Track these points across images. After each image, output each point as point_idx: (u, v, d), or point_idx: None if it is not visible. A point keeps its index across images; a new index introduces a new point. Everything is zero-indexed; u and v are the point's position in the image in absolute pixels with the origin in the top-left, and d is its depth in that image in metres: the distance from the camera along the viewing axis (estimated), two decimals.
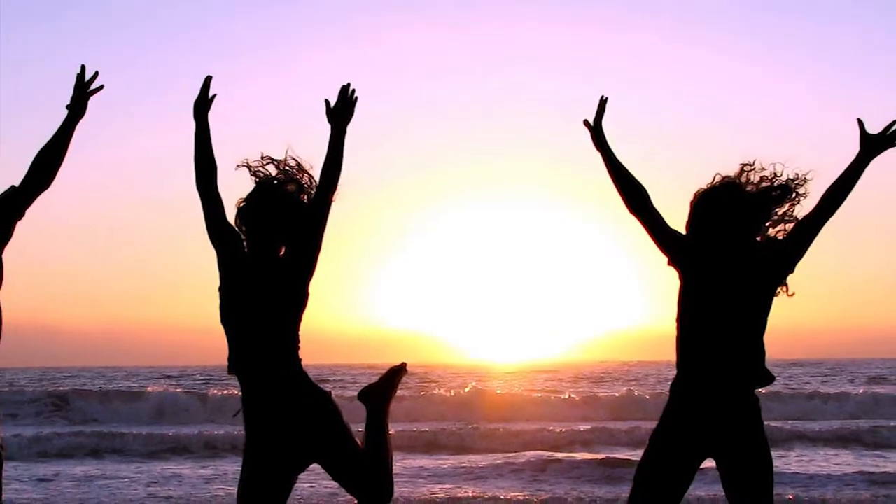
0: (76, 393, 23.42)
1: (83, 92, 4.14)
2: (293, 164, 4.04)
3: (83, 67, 4.15)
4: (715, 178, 3.95)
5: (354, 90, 4.02)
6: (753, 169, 3.95)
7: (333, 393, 4.02)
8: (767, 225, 3.94)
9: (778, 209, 3.94)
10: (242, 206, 3.97)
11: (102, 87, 4.17)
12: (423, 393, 24.85)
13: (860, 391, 26.15)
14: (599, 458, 12.47)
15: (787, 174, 3.94)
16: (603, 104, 4.10)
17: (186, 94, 4.07)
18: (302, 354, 3.91)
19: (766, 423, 3.90)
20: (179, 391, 23.91)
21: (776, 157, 3.95)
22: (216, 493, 10.26)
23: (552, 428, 16.46)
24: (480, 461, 12.67)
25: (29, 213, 4.07)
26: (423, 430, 16.06)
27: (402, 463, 11.97)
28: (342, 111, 4.01)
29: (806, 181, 3.94)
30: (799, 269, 3.90)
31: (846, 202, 3.90)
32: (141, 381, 37.33)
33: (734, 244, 3.87)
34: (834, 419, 19.58)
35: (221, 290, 3.92)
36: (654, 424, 3.96)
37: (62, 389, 24.78)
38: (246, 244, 3.96)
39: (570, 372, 45.03)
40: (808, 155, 4.19)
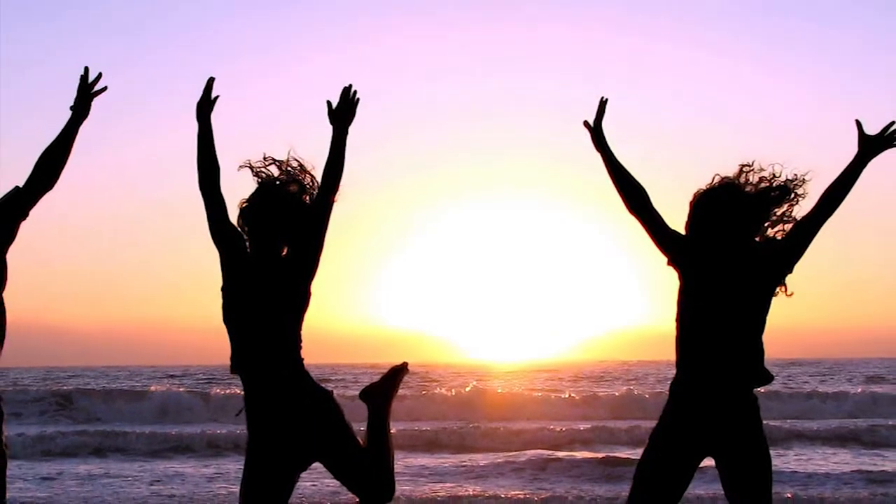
0: (80, 392, 23.39)
1: (87, 93, 4.16)
2: (295, 164, 4.04)
3: (86, 69, 4.16)
4: (714, 178, 3.95)
5: (356, 91, 4.03)
6: (752, 170, 3.96)
7: (335, 392, 4.02)
8: (766, 225, 3.95)
9: (777, 210, 3.95)
10: (245, 206, 3.98)
11: (106, 88, 4.19)
12: (424, 392, 24.86)
13: (858, 390, 26.08)
14: (599, 456, 12.46)
15: (785, 175, 3.95)
16: (603, 105, 4.10)
17: (189, 95, 4.09)
18: (304, 354, 3.92)
19: (764, 422, 3.91)
20: (182, 390, 23.90)
21: (775, 157, 3.97)
22: (219, 491, 10.27)
23: (552, 427, 16.45)
24: (481, 460, 12.68)
25: (32, 213, 4.09)
26: (424, 429, 16.07)
27: (403, 462, 11.98)
28: (344, 112, 4.01)
29: (804, 182, 3.95)
30: (797, 269, 3.91)
31: (845, 202, 3.90)
32: (144, 380, 37.35)
33: (733, 244, 3.88)
34: (832, 418, 19.56)
35: (224, 290, 3.93)
36: (653, 423, 3.96)
37: (66, 389, 24.73)
38: (248, 244, 3.97)
39: (570, 371, 45.00)
40: (806, 156, 4.21)
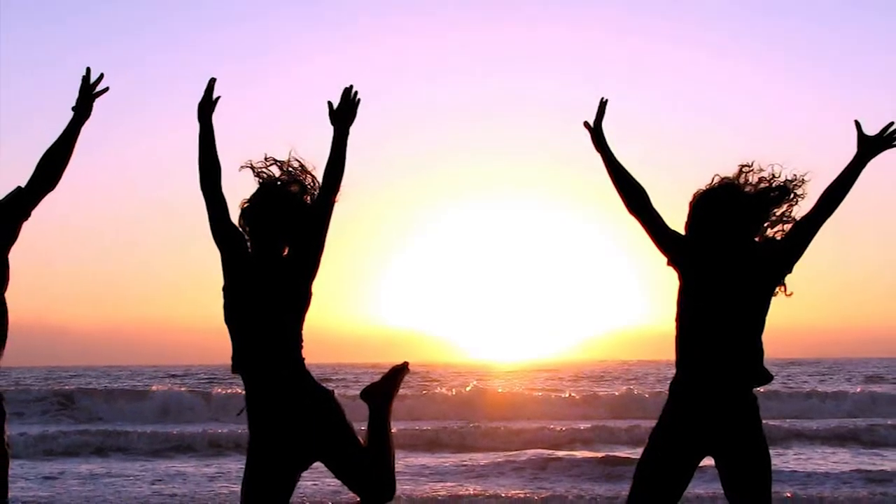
0: (81, 392, 23.39)
1: (88, 94, 4.17)
2: (296, 165, 4.06)
3: (88, 70, 4.18)
4: (714, 179, 3.96)
5: (357, 92, 4.04)
6: (752, 170, 3.97)
7: (336, 392, 4.02)
8: (766, 225, 3.95)
9: (776, 210, 3.95)
10: (246, 206, 3.99)
11: (107, 88, 4.21)
12: (424, 392, 24.89)
13: (857, 390, 26.11)
14: (599, 456, 12.46)
15: (785, 175, 3.96)
16: (603, 106, 4.11)
17: (190, 95, 4.12)
18: (305, 353, 3.93)
19: (764, 421, 3.91)
20: (184, 390, 23.93)
21: (774, 158, 3.97)
22: (220, 490, 10.28)
23: (553, 426, 16.47)
24: (482, 459, 12.68)
25: (34, 213, 4.10)
26: (424, 428, 16.08)
27: (404, 461, 11.99)
28: (345, 113, 4.02)
29: (804, 182, 3.96)
30: (797, 268, 3.91)
31: (844, 203, 3.91)
32: (146, 380, 37.41)
33: (733, 244, 3.89)
34: (831, 418, 19.57)
35: (225, 290, 3.94)
36: (653, 423, 3.97)
37: (68, 388, 24.72)
38: (249, 245, 3.98)
39: (570, 371, 45.04)
40: (805, 156, 4.22)
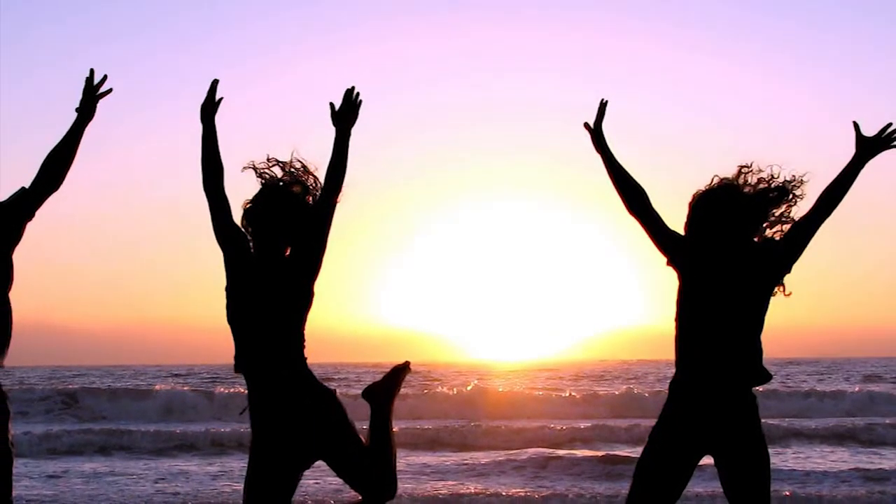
0: (85, 391, 23.42)
1: (92, 95, 4.19)
2: (299, 166, 4.08)
3: (92, 71, 4.20)
4: (713, 179, 3.97)
5: (359, 93, 4.06)
6: (751, 171, 3.98)
7: (338, 391, 4.04)
8: (765, 226, 3.97)
9: (775, 210, 3.97)
10: (249, 207, 4.02)
11: (111, 90, 4.23)
12: (426, 391, 24.90)
13: (856, 389, 26.12)
14: (600, 455, 12.47)
15: (783, 176, 3.97)
16: (603, 107, 4.13)
17: (193, 96, 4.14)
18: (307, 353, 3.95)
19: (763, 420, 3.93)
20: (187, 389, 23.92)
21: (773, 159, 3.99)
22: (223, 489, 10.30)
23: (553, 425, 16.47)
24: (483, 458, 12.70)
25: (38, 213, 4.12)
26: (426, 427, 16.10)
27: (405, 460, 12.01)
28: (346, 114, 4.04)
29: (802, 183, 3.98)
30: (795, 268, 3.93)
31: (842, 203, 3.93)
32: (149, 379, 37.43)
33: (732, 245, 3.90)
34: (830, 417, 19.56)
35: (228, 290, 3.96)
36: (653, 422, 3.98)
37: (71, 388, 24.73)
38: (252, 245, 4.00)
39: (570, 370, 45.06)
40: (804, 157, 4.25)
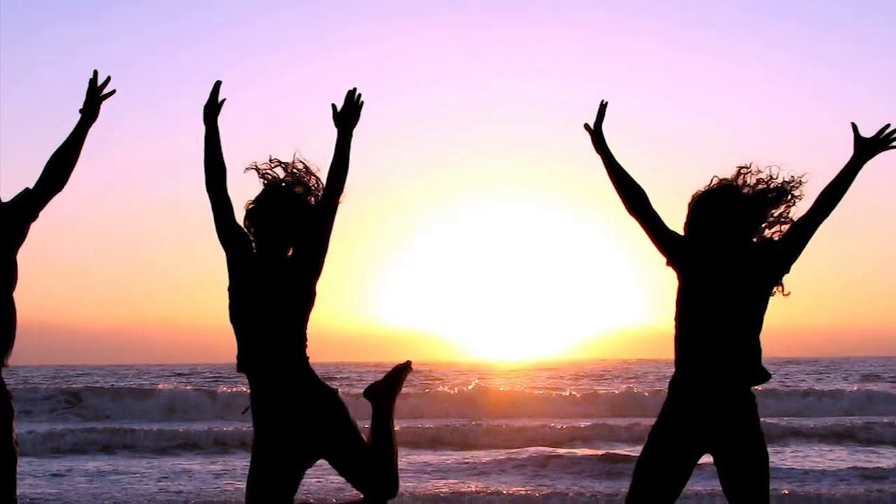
0: (89, 390, 23.45)
1: (96, 96, 4.22)
2: (301, 166, 4.10)
3: (95, 72, 4.23)
4: (712, 180, 3.99)
5: (360, 94, 4.08)
6: (750, 172, 4.00)
7: (340, 390, 4.06)
8: (763, 226, 3.98)
9: (774, 211, 3.98)
10: (251, 207, 4.04)
11: (114, 91, 4.26)
12: (427, 390, 24.86)
13: (854, 388, 26.03)
14: (600, 453, 12.47)
15: (782, 177, 3.99)
16: (603, 108, 4.15)
17: (196, 97, 4.14)
18: (309, 353, 3.97)
19: (761, 419, 3.94)
20: (189, 388, 23.90)
21: (772, 160, 4.00)
22: (225, 488, 10.31)
23: (553, 424, 16.47)
24: (483, 457, 12.71)
25: (42, 214, 4.14)
26: (427, 426, 16.13)
27: (406, 458, 12.03)
28: (348, 115, 4.05)
29: (801, 183, 3.99)
30: (794, 268, 3.94)
31: (841, 203, 3.95)
32: (152, 378, 37.39)
33: (731, 245, 3.92)
34: (828, 416, 19.54)
35: (230, 290, 3.98)
36: (653, 421, 4.00)
37: (75, 387, 24.69)
38: (254, 245, 4.02)
39: (570, 370, 45.02)
40: (803, 158, 4.28)
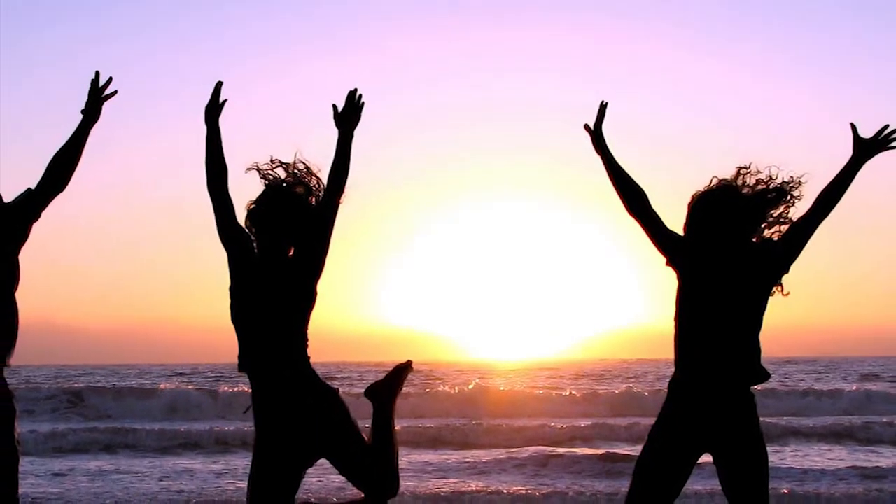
0: (90, 390, 23.46)
1: (97, 97, 4.22)
2: (302, 167, 4.11)
3: (97, 73, 4.23)
4: (712, 180, 4.00)
5: (361, 95, 4.08)
6: (749, 172, 4.01)
7: (340, 390, 4.07)
8: (763, 226, 4.00)
9: (773, 211, 3.99)
10: (252, 207, 4.04)
11: (116, 92, 4.26)
12: (428, 390, 24.88)
13: (853, 388, 26.06)
14: (599, 453, 12.49)
15: (782, 177, 4.00)
16: (603, 109, 4.16)
17: (197, 97, 4.15)
18: (310, 352, 3.98)
19: (761, 419, 3.95)
20: (191, 388, 23.94)
21: (772, 160, 4.02)
22: (227, 487, 10.32)
23: (553, 424, 16.49)
24: (484, 456, 12.72)
25: (43, 214, 4.14)
26: (428, 426, 16.16)
27: (407, 458, 12.04)
28: (349, 116, 4.06)
29: (800, 184, 4.00)
30: (793, 268, 3.95)
31: (840, 204, 3.96)
32: (153, 378, 37.41)
33: (731, 245, 3.92)
34: (828, 415, 19.56)
35: (232, 290, 3.99)
36: (652, 421, 4.01)
37: (77, 386, 24.71)
38: (255, 245, 4.03)
39: (571, 369, 45.07)
40: (802, 158, 4.29)
